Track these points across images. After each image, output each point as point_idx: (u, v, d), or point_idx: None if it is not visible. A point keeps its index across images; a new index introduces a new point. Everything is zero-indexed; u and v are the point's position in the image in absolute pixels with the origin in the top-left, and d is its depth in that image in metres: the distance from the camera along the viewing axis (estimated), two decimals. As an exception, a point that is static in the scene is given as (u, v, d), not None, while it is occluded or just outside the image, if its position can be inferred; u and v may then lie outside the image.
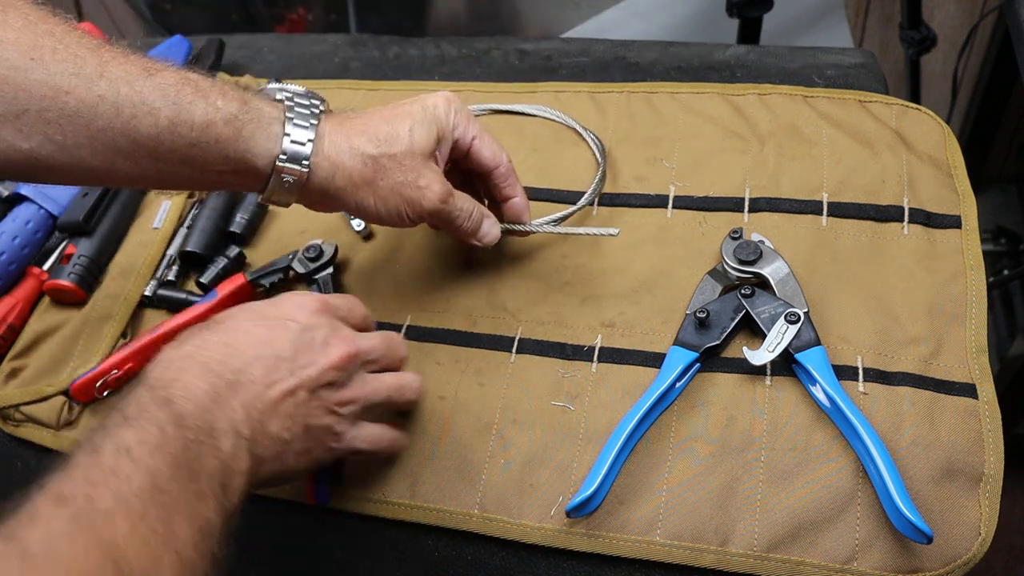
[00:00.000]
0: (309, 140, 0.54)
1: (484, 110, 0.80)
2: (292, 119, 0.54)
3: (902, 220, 0.65)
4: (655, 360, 0.62)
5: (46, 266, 0.76)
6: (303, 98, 0.56)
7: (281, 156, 0.54)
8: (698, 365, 0.60)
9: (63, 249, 0.76)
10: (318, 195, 0.57)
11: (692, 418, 0.59)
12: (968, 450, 0.54)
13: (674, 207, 0.70)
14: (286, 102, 0.56)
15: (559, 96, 0.80)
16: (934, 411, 0.56)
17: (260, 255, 0.75)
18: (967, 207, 0.65)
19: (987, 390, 0.57)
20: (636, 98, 0.78)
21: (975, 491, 0.53)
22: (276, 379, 0.50)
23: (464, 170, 0.65)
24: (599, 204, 0.72)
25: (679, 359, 0.59)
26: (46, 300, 0.75)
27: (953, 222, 0.65)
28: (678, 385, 0.59)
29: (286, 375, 0.50)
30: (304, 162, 0.54)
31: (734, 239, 0.64)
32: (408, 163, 0.57)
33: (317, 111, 0.56)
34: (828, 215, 0.67)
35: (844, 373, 0.58)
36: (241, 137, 0.53)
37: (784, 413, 0.58)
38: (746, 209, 0.68)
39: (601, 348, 0.63)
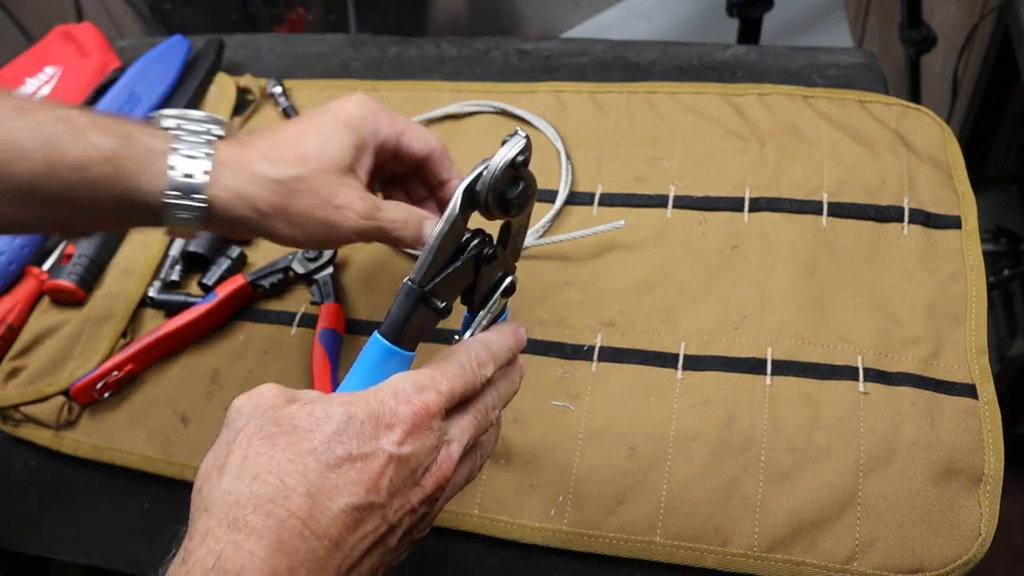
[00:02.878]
0: (205, 172, 0.50)
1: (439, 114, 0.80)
2: (179, 150, 0.50)
3: (902, 220, 0.65)
4: (655, 359, 0.62)
5: (46, 266, 0.76)
6: (197, 123, 0.52)
7: (169, 193, 0.49)
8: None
9: (63, 249, 0.76)
10: (225, 226, 0.52)
11: (692, 418, 0.59)
12: (968, 450, 0.54)
13: (674, 207, 0.70)
14: (173, 131, 0.51)
15: (559, 96, 0.80)
16: (934, 411, 0.56)
17: (261, 255, 0.75)
18: (967, 207, 0.65)
19: (987, 390, 0.57)
20: (636, 98, 0.78)
21: (975, 491, 0.53)
22: (364, 533, 0.38)
23: (390, 171, 0.59)
24: (599, 204, 0.72)
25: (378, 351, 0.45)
26: (46, 300, 0.75)
27: (953, 222, 0.65)
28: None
29: (376, 524, 0.39)
30: (197, 196, 0.50)
31: (518, 160, 0.44)
32: (320, 183, 0.51)
33: (210, 137, 0.51)
34: (828, 215, 0.67)
35: (844, 373, 0.58)
36: (122, 175, 0.49)
37: (784, 413, 0.58)
38: (746, 209, 0.68)
39: (601, 347, 0.63)
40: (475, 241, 0.44)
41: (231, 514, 0.36)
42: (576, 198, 0.72)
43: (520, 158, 0.43)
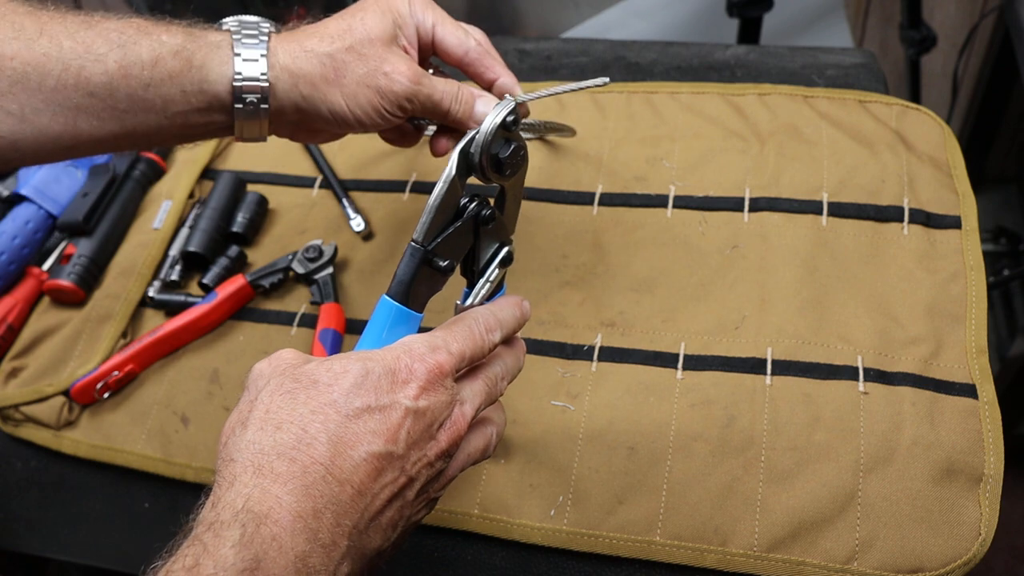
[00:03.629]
0: (262, 55, 0.52)
1: None
2: (240, 39, 0.52)
3: (902, 220, 0.65)
4: (655, 359, 0.62)
5: (46, 266, 0.76)
6: (250, 21, 0.55)
7: (237, 75, 0.51)
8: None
9: (63, 249, 0.76)
10: (289, 113, 0.54)
11: (692, 418, 0.59)
12: (968, 450, 0.54)
13: (674, 207, 0.70)
14: (231, 27, 0.54)
15: (559, 96, 0.80)
16: (934, 411, 0.56)
17: (261, 255, 0.75)
18: (967, 207, 0.65)
19: (987, 390, 0.57)
20: (636, 98, 0.78)
21: (975, 491, 0.53)
22: (384, 483, 0.40)
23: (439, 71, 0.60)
24: (599, 204, 0.72)
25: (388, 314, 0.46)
26: (46, 300, 0.75)
27: (953, 222, 0.65)
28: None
29: (395, 474, 0.40)
30: (262, 76, 0.52)
31: (506, 126, 0.48)
32: (368, 52, 0.53)
33: (265, 29, 0.54)
34: (828, 215, 0.67)
35: (844, 373, 0.58)
36: (193, 67, 0.51)
37: (784, 413, 0.58)
38: (746, 209, 0.68)
39: (601, 347, 0.63)
40: (473, 204, 0.47)
41: (256, 461, 0.37)
42: (576, 198, 0.72)
43: (510, 118, 0.46)
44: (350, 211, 0.75)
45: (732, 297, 0.64)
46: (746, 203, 0.69)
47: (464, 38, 0.58)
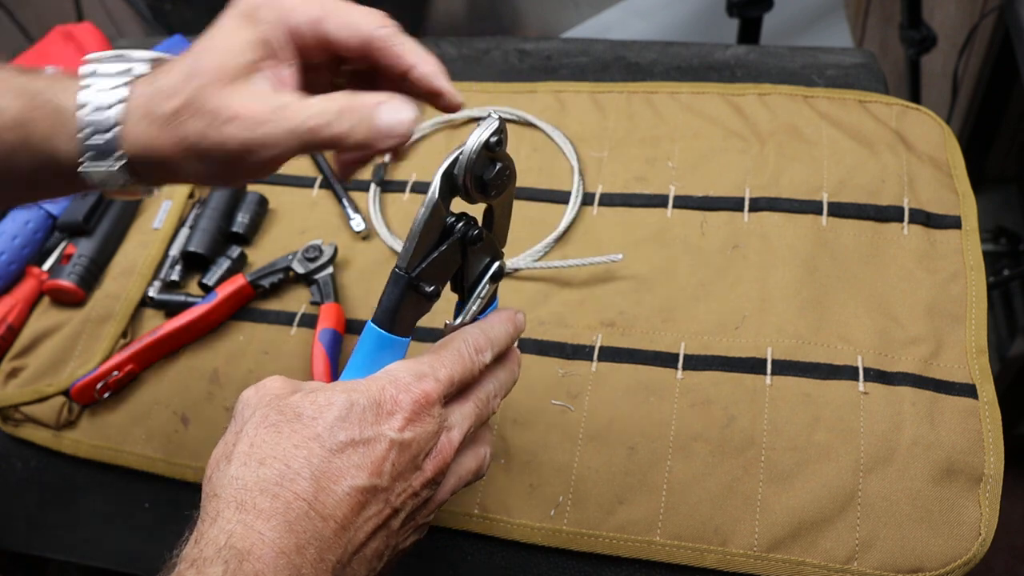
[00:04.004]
0: (116, 125, 0.43)
1: (437, 124, 0.80)
2: (89, 103, 0.43)
3: (902, 220, 0.65)
4: (655, 359, 0.62)
5: (46, 266, 0.76)
6: (112, 63, 0.45)
7: (87, 154, 0.44)
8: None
9: (63, 249, 0.76)
10: (149, 178, 0.46)
11: (692, 418, 0.59)
12: (968, 450, 0.54)
13: (674, 207, 0.70)
14: (86, 78, 0.44)
15: (559, 96, 0.80)
16: (934, 411, 0.56)
17: (261, 255, 0.75)
18: (967, 207, 0.65)
19: (987, 390, 0.57)
20: (636, 98, 0.78)
21: (975, 491, 0.53)
22: (368, 516, 0.39)
23: (351, 68, 0.48)
24: (599, 204, 0.72)
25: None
26: (46, 300, 0.75)
27: (953, 222, 0.65)
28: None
29: (380, 507, 0.39)
30: (112, 156, 0.44)
31: (491, 142, 0.43)
32: (206, 99, 0.42)
33: (126, 79, 0.44)
34: (828, 215, 0.67)
35: (844, 373, 0.58)
36: (34, 139, 0.44)
37: (784, 413, 0.58)
38: (746, 209, 0.68)
39: (601, 347, 0.63)
40: (459, 224, 0.44)
41: (239, 497, 0.37)
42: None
43: (494, 139, 0.43)
44: (350, 211, 0.75)
45: (732, 297, 0.64)
46: (746, 203, 0.69)
47: (360, 22, 0.44)
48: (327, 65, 0.47)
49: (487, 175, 0.44)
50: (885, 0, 1.53)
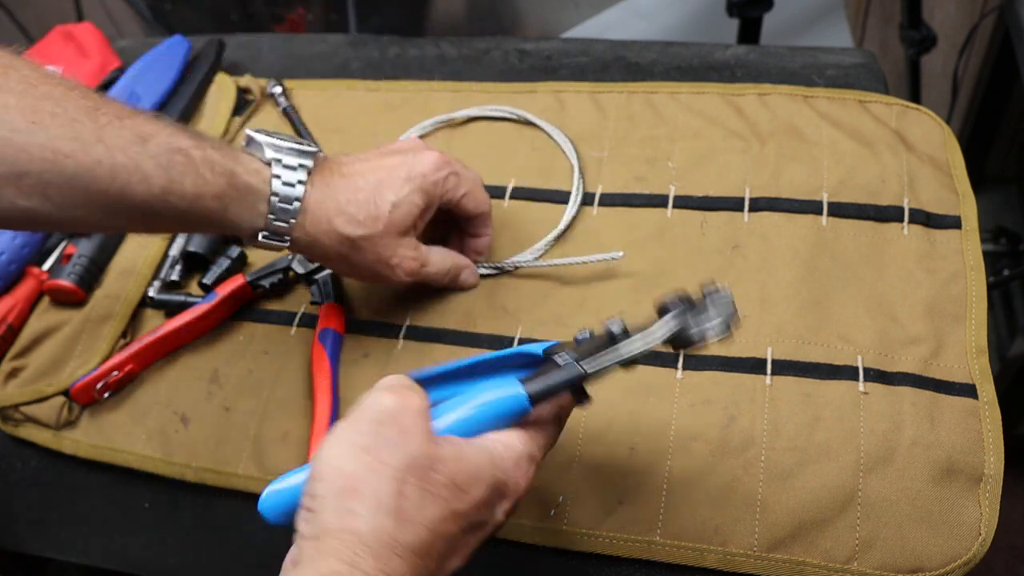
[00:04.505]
0: (292, 219, 0.57)
1: (437, 123, 0.80)
2: (277, 194, 0.56)
3: (902, 220, 0.65)
4: (655, 359, 0.62)
5: (46, 266, 0.76)
6: (291, 155, 0.57)
7: (263, 234, 0.57)
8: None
9: (63, 249, 0.76)
10: (298, 252, 0.64)
11: (692, 418, 0.59)
12: (968, 450, 0.54)
13: (674, 207, 0.70)
14: (272, 164, 0.56)
15: (559, 96, 0.80)
16: (934, 411, 0.56)
17: (261, 255, 0.75)
18: (967, 207, 0.65)
19: (987, 390, 0.57)
20: (636, 98, 0.78)
21: (975, 491, 0.53)
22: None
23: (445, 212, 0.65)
24: (599, 204, 0.72)
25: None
26: (46, 300, 0.75)
27: (953, 222, 0.65)
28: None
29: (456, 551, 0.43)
30: (285, 238, 0.57)
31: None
32: (383, 242, 0.59)
33: (303, 174, 0.56)
34: (828, 215, 0.67)
35: (844, 373, 0.58)
36: (229, 211, 0.55)
37: (784, 413, 0.58)
38: (746, 209, 0.68)
39: (601, 348, 0.63)
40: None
41: (376, 549, 0.38)
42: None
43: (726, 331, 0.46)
44: (350, 211, 0.75)
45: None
46: (746, 203, 0.69)
47: (483, 202, 0.65)
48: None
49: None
50: (885, 0, 1.53)
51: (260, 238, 0.57)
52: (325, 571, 0.37)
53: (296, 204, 0.56)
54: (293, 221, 0.57)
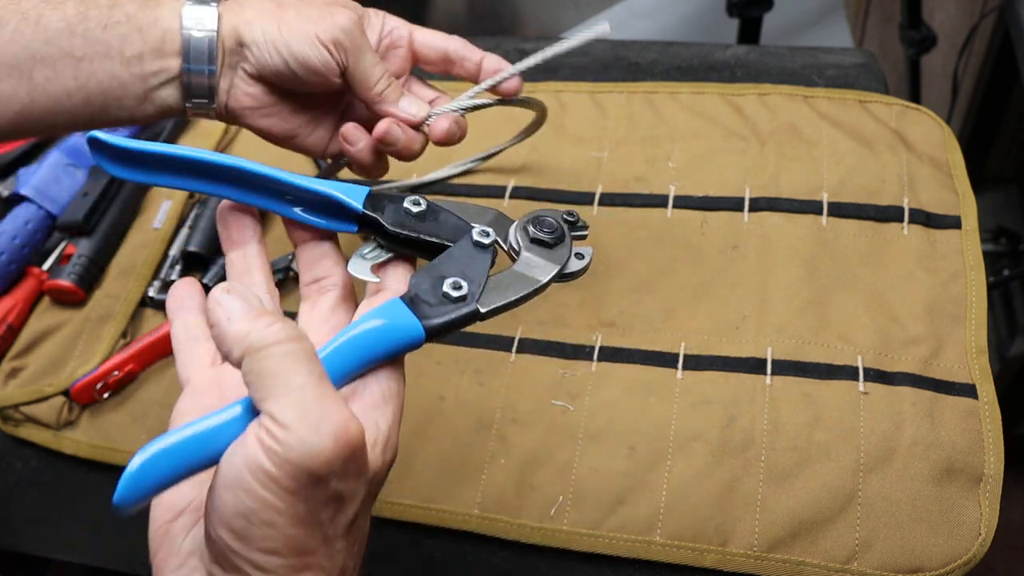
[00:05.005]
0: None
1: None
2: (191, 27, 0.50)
3: (902, 220, 0.65)
4: (655, 359, 0.62)
5: (46, 266, 0.76)
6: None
7: (188, 104, 0.52)
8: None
9: (63, 249, 0.76)
10: (234, 63, 0.52)
11: (692, 418, 0.59)
12: (968, 450, 0.54)
13: (674, 207, 0.70)
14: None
15: (559, 96, 0.80)
16: (934, 411, 0.56)
17: (260, 255, 0.75)
18: (967, 207, 0.65)
19: (987, 390, 0.57)
20: (636, 98, 0.78)
21: (975, 491, 0.53)
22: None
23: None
24: (599, 204, 0.72)
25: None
26: (46, 300, 0.75)
27: (953, 222, 0.65)
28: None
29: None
30: (212, 104, 0.52)
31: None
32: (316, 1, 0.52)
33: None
34: (828, 215, 0.67)
35: (844, 373, 0.58)
36: (148, 6, 0.50)
37: (784, 413, 0.58)
38: (746, 209, 0.68)
39: (601, 347, 0.63)
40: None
41: None
42: (576, 198, 0.72)
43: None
44: (350, 211, 0.75)
45: (732, 297, 0.64)
46: (746, 203, 0.69)
47: (445, 37, 0.58)
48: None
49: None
50: (885, 0, 1.53)
51: (188, 109, 0.52)
52: None
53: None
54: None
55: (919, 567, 0.51)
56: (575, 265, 0.45)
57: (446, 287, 0.40)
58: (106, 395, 0.69)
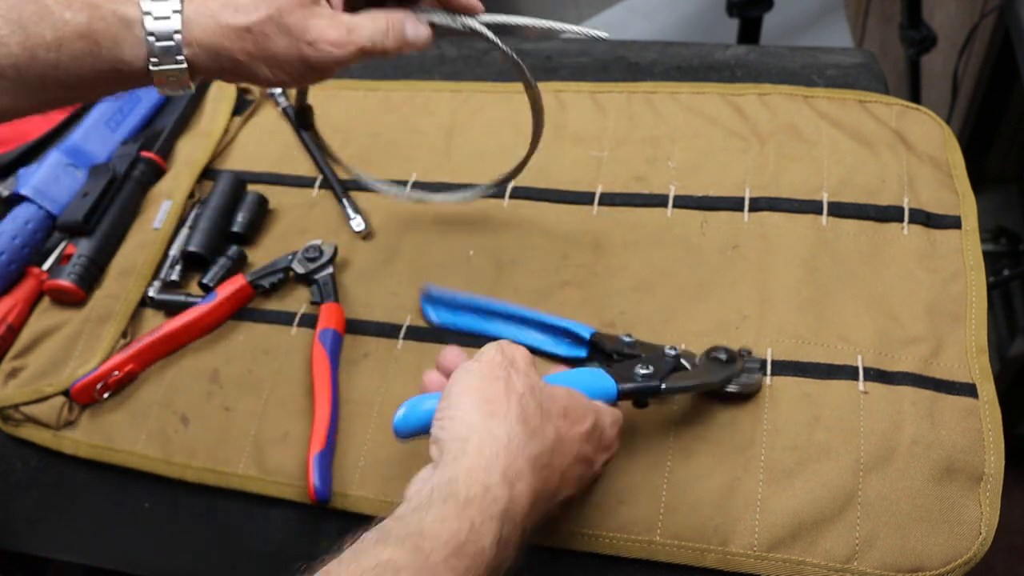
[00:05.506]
0: (176, 33, 0.50)
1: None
2: (150, 13, 0.49)
3: (902, 220, 0.65)
4: (655, 360, 0.62)
5: (46, 266, 0.76)
6: None
7: (152, 62, 0.50)
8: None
9: (63, 249, 0.76)
10: (216, 76, 0.53)
11: (693, 418, 0.59)
12: (968, 450, 0.54)
13: (674, 207, 0.70)
14: None
15: (559, 96, 0.80)
16: (934, 411, 0.56)
17: (261, 255, 0.75)
18: (967, 207, 0.65)
19: (987, 390, 0.57)
20: (636, 98, 0.78)
21: (975, 491, 0.53)
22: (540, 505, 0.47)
23: None
24: (599, 204, 0.72)
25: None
26: (46, 300, 0.75)
27: (953, 222, 0.65)
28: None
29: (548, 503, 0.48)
30: (179, 60, 0.50)
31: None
32: (288, 19, 0.51)
33: None
34: (828, 215, 0.67)
35: (844, 372, 0.58)
36: (103, 48, 0.49)
37: (784, 413, 0.58)
38: (746, 209, 0.68)
39: (601, 348, 0.63)
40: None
41: (509, 451, 0.44)
42: (576, 198, 0.72)
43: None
44: (350, 211, 0.75)
45: (732, 297, 0.64)
46: (746, 203, 0.69)
47: None
48: None
49: None
50: (885, 0, 1.53)
51: (150, 67, 0.50)
52: (467, 466, 0.43)
53: (174, 15, 0.50)
54: (178, 36, 0.50)
55: (919, 567, 0.51)
56: (747, 379, 0.58)
57: (638, 369, 0.55)
58: (106, 395, 0.69)
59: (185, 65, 0.51)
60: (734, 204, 0.69)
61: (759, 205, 0.68)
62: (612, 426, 0.52)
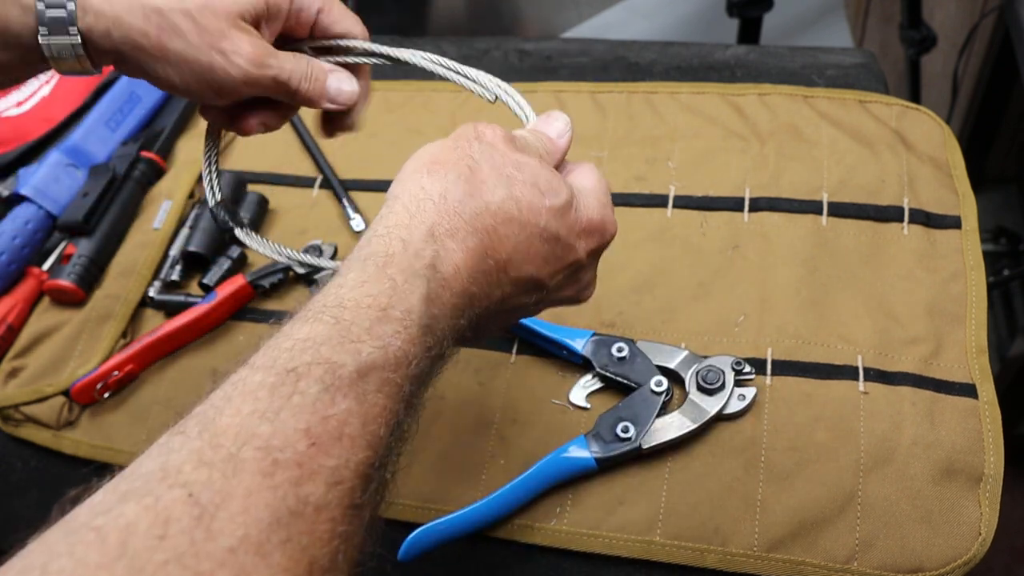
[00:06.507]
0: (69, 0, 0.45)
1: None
2: None
3: (902, 220, 0.65)
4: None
5: (46, 266, 0.76)
6: None
7: (41, 31, 0.45)
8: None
9: (63, 249, 0.76)
10: (113, 60, 0.48)
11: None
12: (968, 450, 0.54)
13: (674, 207, 0.70)
14: None
15: (559, 96, 0.80)
16: (934, 411, 0.56)
17: (260, 255, 0.75)
18: (967, 207, 0.65)
19: (987, 390, 0.57)
20: (636, 98, 0.78)
21: (975, 491, 0.53)
22: (521, 303, 0.45)
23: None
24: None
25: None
26: (46, 300, 0.75)
27: (953, 222, 0.65)
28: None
29: (529, 299, 0.45)
30: (71, 30, 0.45)
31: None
32: (208, 20, 0.46)
33: None
34: (828, 215, 0.67)
35: (844, 373, 0.58)
36: None
37: (784, 413, 0.58)
38: (746, 209, 0.68)
39: (601, 348, 0.63)
40: None
41: (440, 206, 0.40)
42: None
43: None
44: (350, 211, 0.75)
45: (732, 297, 0.64)
46: (746, 203, 0.69)
47: (356, 24, 0.55)
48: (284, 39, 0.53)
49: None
50: (885, 0, 1.53)
51: (40, 39, 0.45)
52: (390, 223, 0.39)
53: None
54: (71, 4, 0.45)
55: (919, 567, 0.51)
56: (735, 406, 0.57)
57: (619, 429, 0.56)
58: (106, 395, 0.69)
59: (79, 39, 0.46)
60: (734, 204, 0.69)
61: (759, 205, 0.68)
62: (599, 203, 0.45)
